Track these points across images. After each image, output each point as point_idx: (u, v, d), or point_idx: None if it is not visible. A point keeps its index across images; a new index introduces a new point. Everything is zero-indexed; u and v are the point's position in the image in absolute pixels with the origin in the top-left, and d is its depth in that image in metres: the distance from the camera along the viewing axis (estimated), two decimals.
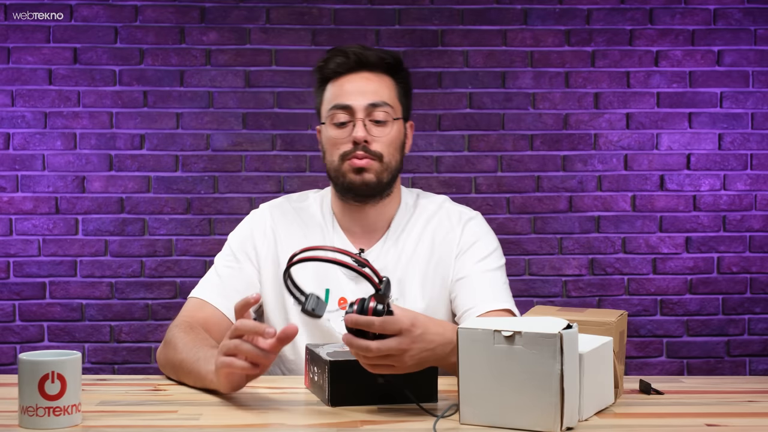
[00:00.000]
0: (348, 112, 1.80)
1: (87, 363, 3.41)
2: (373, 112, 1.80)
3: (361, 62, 1.82)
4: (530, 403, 1.29)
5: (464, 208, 1.92)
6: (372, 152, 1.79)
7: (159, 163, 3.46)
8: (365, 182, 1.79)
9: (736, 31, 3.54)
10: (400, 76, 1.86)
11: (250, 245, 1.86)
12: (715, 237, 3.55)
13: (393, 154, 1.82)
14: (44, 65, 3.43)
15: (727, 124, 3.55)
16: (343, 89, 1.81)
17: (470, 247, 1.85)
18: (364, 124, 1.79)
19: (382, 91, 1.82)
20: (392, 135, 1.82)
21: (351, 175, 1.79)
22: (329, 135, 1.81)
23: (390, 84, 1.84)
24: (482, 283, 1.81)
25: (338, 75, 1.83)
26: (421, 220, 1.88)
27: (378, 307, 1.37)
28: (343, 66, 1.82)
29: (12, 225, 3.42)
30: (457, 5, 3.50)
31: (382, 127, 1.80)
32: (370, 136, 1.79)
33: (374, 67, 1.83)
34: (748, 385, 1.70)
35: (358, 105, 1.79)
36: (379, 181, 1.80)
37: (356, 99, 1.80)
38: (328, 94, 1.83)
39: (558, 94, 3.53)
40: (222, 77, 3.47)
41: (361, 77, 1.82)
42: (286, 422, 1.39)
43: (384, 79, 1.84)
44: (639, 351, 3.54)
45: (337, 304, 1.82)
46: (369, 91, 1.81)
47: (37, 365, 1.30)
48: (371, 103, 1.80)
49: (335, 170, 1.81)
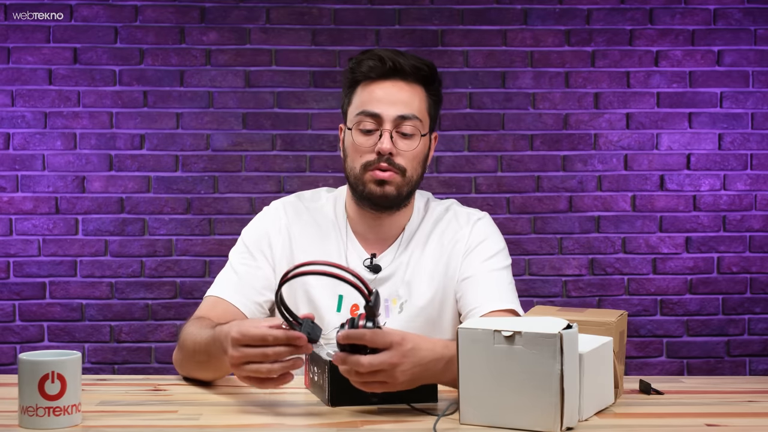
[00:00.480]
0: (376, 121, 1.75)
1: (87, 363, 3.41)
2: (401, 124, 1.75)
3: (395, 69, 1.76)
4: (530, 403, 1.29)
5: (472, 210, 1.92)
6: (396, 165, 1.75)
7: (159, 163, 3.46)
8: (385, 195, 1.76)
9: (736, 31, 3.54)
10: (432, 87, 1.81)
11: (265, 243, 1.84)
12: (715, 237, 3.55)
13: (416, 168, 1.79)
14: (44, 65, 3.43)
15: (727, 124, 3.55)
16: (374, 95, 1.76)
17: (477, 246, 1.84)
18: (390, 136, 1.74)
19: (413, 102, 1.77)
20: (418, 150, 1.78)
21: (371, 186, 1.76)
22: (354, 141, 1.77)
23: (422, 95, 1.79)
24: (487, 283, 1.80)
25: (370, 79, 1.77)
26: (430, 223, 1.87)
27: (367, 324, 1.37)
28: (376, 70, 1.76)
29: (12, 225, 3.42)
30: (457, 5, 3.50)
31: (408, 141, 1.76)
32: (396, 149, 1.75)
33: (408, 76, 1.77)
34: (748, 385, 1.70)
35: (387, 115, 1.74)
36: (399, 194, 1.78)
37: (386, 108, 1.75)
38: (357, 97, 1.78)
39: (558, 94, 3.53)
40: (222, 77, 3.47)
41: (394, 85, 1.76)
42: (286, 422, 1.39)
43: (416, 89, 1.78)
44: (639, 351, 3.54)
45: (350, 311, 1.81)
46: (400, 101, 1.75)
47: (37, 365, 1.30)
48: (401, 115, 1.75)
49: (356, 178, 1.78)
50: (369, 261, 1.83)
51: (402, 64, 1.76)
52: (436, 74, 1.81)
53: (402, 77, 1.77)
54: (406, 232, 1.86)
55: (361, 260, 1.83)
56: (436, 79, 1.82)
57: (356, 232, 1.85)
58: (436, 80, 1.81)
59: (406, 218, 1.86)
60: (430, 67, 1.80)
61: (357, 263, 1.83)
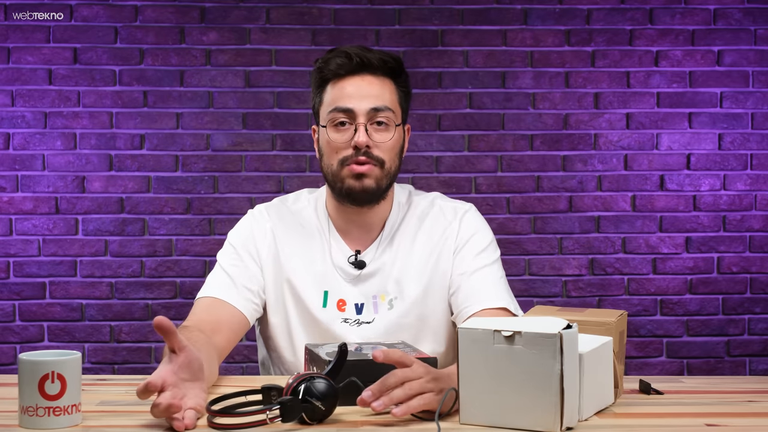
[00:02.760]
0: (349, 116, 1.76)
1: (87, 363, 3.41)
2: (375, 116, 1.76)
3: (363, 64, 1.78)
4: (530, 403, 1.29)
5: (457, 203, 1.92)
6: (374, 157, 1.76)
7: (159, 163, 3.46)
8: (365, 188, 1.77)
9: (736, 31, 3.54)
10: (401, 79, 1.82)
11: (252, 245, 1.84)
12: (715, 237, 3.55)
13: (393, 159, 1.80)
14: (44, 65, 3.43)
15: (727, 124, 3.55)
16: (345, 91, 1.77)
17: (467, 242, 1.84)
18: (365, 129, 1.75)
19: (384, 94, 1.78)
20: (394, 140, 1.79)
21: (350, 181, 1.76)
22: (329, 138, 1.78)
23: (392, 87, 1.80)
24: (478, 280, 1.81)
25: (339, 76, 1.78)
26: (415, 218, 1.87)
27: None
28: (344, 67, 1.78)
29: (12, 225, 3.42)
30: (457, 5, 3.50)
31: (383, 132, 1.77)
32: (372, 141, 1.76)
33: (376, 70, 1.79)
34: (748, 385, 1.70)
35: (360, 108, 1.76)
36: (378, 186, 1.78)
37: (358, 102, 1.76)
38: (328, 95, 1.80)
39: (558, 94, 3.53)
40: (222, 77, 3.47)
41: (363, 80, 1.78)
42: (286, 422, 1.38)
43: (386, 82, 1.80)
44: (639, 351, 3.54)
45: (336, 306, 1.82)
46: (371, 94, 1.77)
47: (37, 365, 1.30)
48: (374, 107, 1.76)
49: (333, 175, 1.78)
50: (353, 258, 1.83)
51: (369, 58, 1.78)
52: (403, 67, 1.84)
53: (370, 71, 1.78)
54: (388, 226, 1.86)
55: (345, 257, 1.83)
56: (404, 72, 1.84)
57: (339, 230, 1.86)
58: (403, 73, 1.83)
59: (387, 210, 1.87)
60: (396, 60, 1.82)
61: (341, 261, 1.83)
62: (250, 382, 1.65)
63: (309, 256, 1.84)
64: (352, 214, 1.84)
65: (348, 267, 1.83)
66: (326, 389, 1.33)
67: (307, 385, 1.32)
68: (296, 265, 1.83)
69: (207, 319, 1.72)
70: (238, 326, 1.76)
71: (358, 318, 1.82)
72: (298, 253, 1.83)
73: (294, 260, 1.83)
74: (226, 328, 1.74)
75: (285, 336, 1.83)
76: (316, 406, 1.32)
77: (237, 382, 1.66)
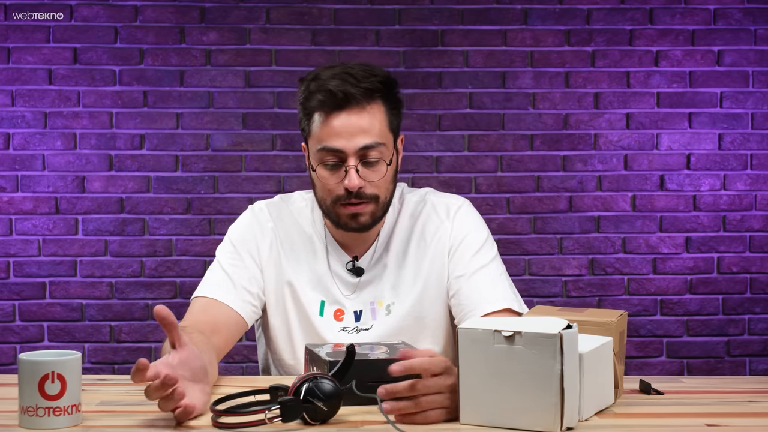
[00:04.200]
0: (339, 156, 1.68)
1: (87, 363, 3.41)
2: (366, 154, 1.68)
3: (347, 98, 1.67)
4: (530, 403, 1.29)
5: (450, 198, 1.87)
6: (367, 196, 1.70)
7: (159, 163, 3.46)
8: (361, 225, 1.73)
9: (736, 31, 3.54)
10: (390, 98, 1.73)
11: (252, 243, 1.81)
12: (715, 237, 3.55)
13: (388, 188, 1.74)
14: (44, 65, 3.43)
15: (727, 124, 3.55)
16: (332, 129, 1.68)
17: (462, 242, 1.81)
18: (357, 170, 1.68)
19: (373, 128, 1.68)
20: (387, 175, 1.72)
21: (345, 219, 1.73)
22: (320, 175, 1.71)
23: (380, 113, 1.71)
24: (479, 282, 1.78)
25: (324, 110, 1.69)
26: (406, 217, 1.84)
27: None
28: (327, 104, 1.68)
29: (12, 225, 3.42)
30: (457, 5, 3.50)
31: (375, 169, 1.70)
32: (365, 182, 1.69)
33: (361, 101, 1.68)
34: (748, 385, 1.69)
35: (349, 148, 1.67)
36: (374, 220, 1.74)
37: (346, 142, 1.67)
38: (316, 127, 1.70)
39: (558, 94, 3.53)
40: (222, 77, 3.47)
41: (350, 114, 1.68)
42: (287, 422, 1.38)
43: (374, 109, 1.70)
44: (639, 351, 3.54)
45: (333, 315, 1.81)
46: (360, 130, 1.67)
47: (37, 365, 1.30)
48: (364, 145, 1.67)
49: (328, 209, 1.74)
50: (351, 264, 1.81)
51: (352, 93, 1.67)
52: (391, 83, 1.73)
53: (355, 103, 1.68)
54: (384, 232, 1.83)
55: (343, 265, 1.82)
56: (393, 88, 1.73)
57: (335, 237, 1.83)
58: (392, 90, 1.73)
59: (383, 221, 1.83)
60: (382, 81, 1.71)
61: (339, 268, 1.82)
62: (251, 382, 1.65)
63: (308, 260, 1.82)
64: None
65: (346, 275, 1.81)
66: (329, 390, 1.32)
67: (310, 385, 1.32)
68: (296, 269, 1.81)
69: (204, 319, 1.70)
70: (235, 328, 1.75)
71: (357, 326, 1.80)
72: (298, 256, 1.82)
73: (294, 263, 1.81)
74: (224, 330, 1.72)
75: (285, 337, 1.82)
76: (318, 406, 1.31)
77: (237, 382, 1.66)
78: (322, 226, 1.84)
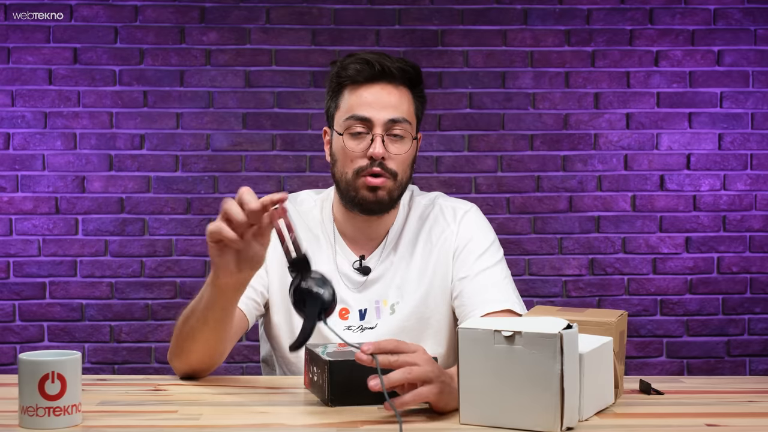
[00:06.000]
0: (366, 125, 1.74)
1: (87, 363, 3.41)
2: (392, 127, 1.74)
3: (383, 72, 1.75)
4: (530, 403, 1.29)
5: (458, 203, 1.90)
6: (388, 170, 1.75)
7: (159, 163, 3.47)
8: (378, 200, 1.75)
9: (736, 31, 3.54)
10: (418, 89, 1.81)
11: None
12: (715, 237, 3.55)
13: (406, 171, 1.79)
14: (44, 65, 3.43)
15: (727, 124, 3.55)
16: (363, 99, 1.75)
17: (467, 245, 1.83)
18: (382, 140, 1.73)
19: (402, 105, 1.76)
20: (409, 153, 1.77)
21: (364, 192, 1.75)
22: (344, 146, 1.75)
23: (409, 97, 1.79)
24: (481, 283, 1.79)
25: (357, 83, 1.76)
26: (415, 219, 1.86)
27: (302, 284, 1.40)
28: (363, 74, 1.75)
29: (12, 225, 3.42)
30: (457, 5, 3.50)
31: (399, 144, 1.75)
32: (388, 153, 1.74)
33: (395, 79, 1.76)
34: (748, 385, 1.70)
35: (377, 118, 1.73)
36: (391, 198, 1.77)
37: (376, 112, 1.74)
38: (345, 101, 1.77)
39: (558, 94, 3.53)
40: (222, 77, 3.47)
41: (383, 88, 1.76)
42: (286, 422, 1.39)
43: (404, 92, 1.78)
44: (639, 351, 3.54)
45: (338, 314, 1.81)
46: (390, 104, 1.75)
47: (37, 365, 1.30)
48: (392, 118, 1.74)
49: (347, 183, 1.76)
50: (358, 263, 1.83)
51: (389, 67, 1.75)
52: (421, 76, 1.81)
53: (389, 80, 1.76)
54: (392, 231, 1.85)
55: (350, 264, 1.83)
56: (421, 81, 1.82)
57: (343, 235, 1.85)
58: (421, 82, 1.81)
59: (393, 217, 1.86)
60: (415, 70, 1.79)
61: (346, 267, 1.83)
62: (251, 382, 1.65)
63: (314, 260, 1.82)
64: (360, 222, 1.83)
65: (353, 273, 1.82)
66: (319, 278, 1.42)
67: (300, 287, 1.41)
68: None
69: None
70: (238, 324, 1.76)
71: (362, 324, 1.81)
72: None
73: None
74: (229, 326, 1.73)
75: (288, 336, 1.83)
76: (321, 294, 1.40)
77: (237, 381, 1.66)
78: (331, 225, 1.86)
